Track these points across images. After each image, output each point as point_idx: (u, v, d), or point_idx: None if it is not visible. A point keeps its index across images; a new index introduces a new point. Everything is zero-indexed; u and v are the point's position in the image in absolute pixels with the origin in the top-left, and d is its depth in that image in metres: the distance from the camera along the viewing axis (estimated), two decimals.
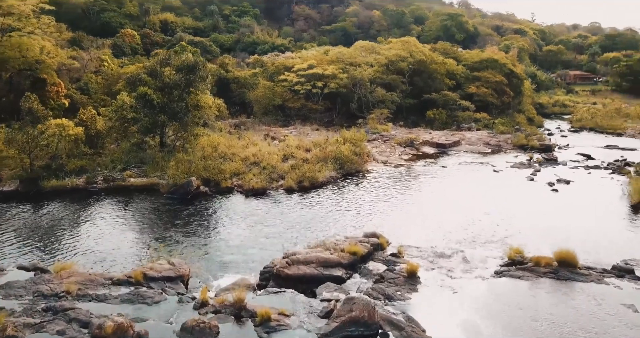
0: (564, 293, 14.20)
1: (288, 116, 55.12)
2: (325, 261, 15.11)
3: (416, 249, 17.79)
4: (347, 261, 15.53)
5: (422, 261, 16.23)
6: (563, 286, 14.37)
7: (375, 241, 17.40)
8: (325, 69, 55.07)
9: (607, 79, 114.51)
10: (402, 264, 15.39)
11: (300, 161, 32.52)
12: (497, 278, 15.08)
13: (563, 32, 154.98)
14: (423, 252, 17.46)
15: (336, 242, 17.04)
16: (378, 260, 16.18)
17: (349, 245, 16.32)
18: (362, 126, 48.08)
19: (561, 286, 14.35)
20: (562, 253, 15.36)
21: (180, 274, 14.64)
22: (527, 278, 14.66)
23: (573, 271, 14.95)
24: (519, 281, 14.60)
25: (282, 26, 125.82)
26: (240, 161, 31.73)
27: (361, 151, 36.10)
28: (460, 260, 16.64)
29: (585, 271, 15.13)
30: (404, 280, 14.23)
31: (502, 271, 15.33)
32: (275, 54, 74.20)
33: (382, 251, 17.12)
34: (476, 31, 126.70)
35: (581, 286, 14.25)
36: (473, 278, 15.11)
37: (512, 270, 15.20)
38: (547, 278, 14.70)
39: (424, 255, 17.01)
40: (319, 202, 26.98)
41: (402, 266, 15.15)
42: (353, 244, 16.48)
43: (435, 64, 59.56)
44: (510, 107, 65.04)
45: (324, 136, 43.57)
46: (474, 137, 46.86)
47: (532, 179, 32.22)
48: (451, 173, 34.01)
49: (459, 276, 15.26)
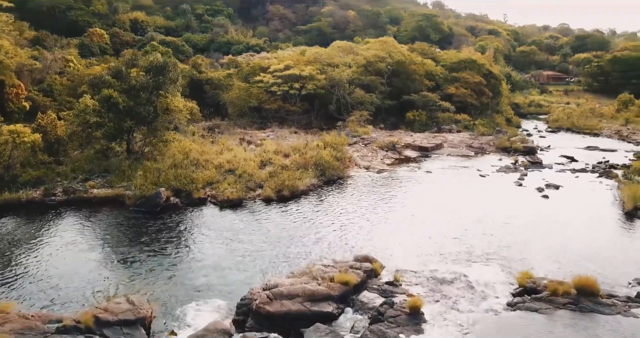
0: (588, 328, 12.35)
1: (264, 118, 52.76)
2: (313, 295, 13.01)
3: (413, 274, 15.87)
4: (338, 293, 13.44)
5: (422, 290, 14.32)
6: (586, 320, 12.57)
7: (368, 267, 15.37)
8: (303, 69, 52.92)
9: (579, 79, 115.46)
10: (401, 294, 13.44)
11: (279, 168, 30.34)
12: (510, 311, 13.23)
13: (535, 33, 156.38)
14: (421, 277, 15.54)
15: (324, 269, 14.92)
16: (373, 289, 14.18)
17: (339, 273, 14.27)
18: (342, 129, 46.12)
19: (584, 321, 12.54)
20: (581, 280, 13.62)
21: (140, 316, 12.33)
22: (544, 311, 12.84)
23: (595, 301, 13.23)
24: (536, 315, 12.78)
25: (257, 26, 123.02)
26: (214, 169, 29.35)
27: (343, 156, 34.12)
28: (464, 286, 14.78)
29: (608, 300, 13.44)
30: (407, 318, 12.22)
31: (515, 302, 13.50)
32: (250, 54, 71.73)
33: (376, 278, 15.11)
34: (451, 32, 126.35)
35: (607, 321, 12.51)
36: (483, 312, 13.25)
37: (526, 302, 13.38)
38: (566, 310, 12.92)
39: (424, 282, 15.09)
40: (300, 213, 24.85)
41: (402, 299, 13.16)
42: (343, 271, 14.43)
43: (414, 65, 58.04)
44: (489, 108, 64.08)
45: (303, 139, 41.43)
46: (456, 139, 45.40)
47: (520, 184, 30.77)
48: (436, 179, 32.31)
49: (467, 309, 13.38)
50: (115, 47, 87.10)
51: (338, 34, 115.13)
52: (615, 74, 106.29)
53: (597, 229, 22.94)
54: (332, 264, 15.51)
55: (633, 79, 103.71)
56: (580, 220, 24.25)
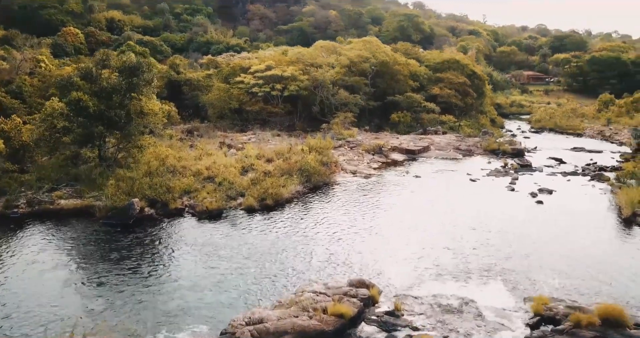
0: None
1: (246, 120, 50.85)
2: (304, 331, 11.34)
3: (415, 300, 14.32)
4: (333, 327, 11.79)
5: (427, 321, 12.78)
6: None
7: (364, 294, 13.73)
8: (285, 70, 51.12)
9: (558, 80, 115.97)
10: (404, 327, 11.86)
11: (262, 174, 28.54)
12: None
13: (514, 33, 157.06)
14: (424, 304, 14.00)
15: (315, 297, 13.22)
16: (371, 321, 12.57)
17: (333, 302, 12.61)
18: (327, 132, 44.46)
19: None
20: (607, 310, 12.20)
21: None
22: None
23: (624, 334, 11.83)
24: None
25: (237, 25, 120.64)
26: (192, 176, 27.40)
27: (329, 161, 32.50)
28: (473, 316, 13.27)
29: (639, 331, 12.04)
30: None
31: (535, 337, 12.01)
32: (230, 54, 69.63)
33: (374, 307, 13.52)
34: (432, 32, 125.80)
35: None
36: None
37: (547, 336, 11.90)
38: None
39: (427, 310, 13.53)
40: (285, 225, 23.12)
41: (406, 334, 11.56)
42: (337, 300, 12.78)
43: (398, 65, 56.70)
44: (473, 108, 63.17)
45: (287, 143, 39.66)
46: (442, 141, 44.16)
47: (512, 189, 29.54)
48: (426, 184, 30.89)
49: None
50: (91, 46, 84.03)
51: (320, 34, 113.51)
52: (593, 74, 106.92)
53: (599, 238, 21.76)
54: (324, 290, 13.81)
55: (611, 79, 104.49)
56: (579, 227, 23.05)
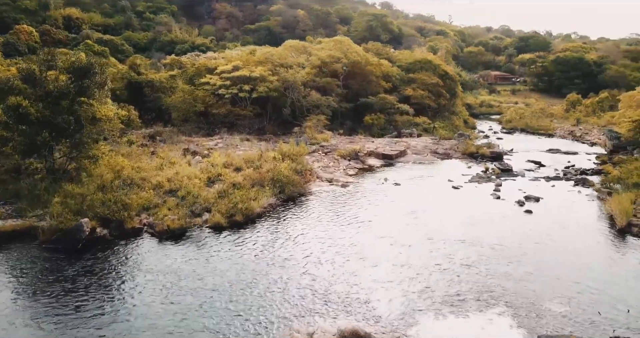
0: None
1: (212, 124, 47.78)
2: None
3: None
4: None
5: None
6: None
7: None
8: (253, 70, 48.32)
9: (524, 79, 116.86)
10: None
11: (230, 186, 25.80)
12: None
13: (480, 33, 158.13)
14: None
15: None
16: None
17: None
18: (299, 136, 41.98)
19: None
20: None
21: None
22: None
23: None
24: None
25: (203, 24, 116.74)
26: (152, 190, 24.42)
27: (303, 169, 30.02)
28: None
29: None
30: None
31: None
32: (195, 54, 66.22)
33: None
34: (400, 32, 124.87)
35: None
36: None
37: None
38: None
39: None
40: (257, 245, 20.51)
41: None
42: None
43: (371, 65, 54.70)
44: (446, 109, 61.86)
45: (257, 148, 36.99)
46: (419, 145, 42.31)
47: (498, 197, 27.75)
48: (407, 192, 28.78)
49: None
50: (47, 45, 78.34)
51: (288, 33, 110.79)
52: (558, 74, 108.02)
53: (599, 253, 20.07)
54: None
55: (575, 79, 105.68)
56: (574, 241, 21.33)
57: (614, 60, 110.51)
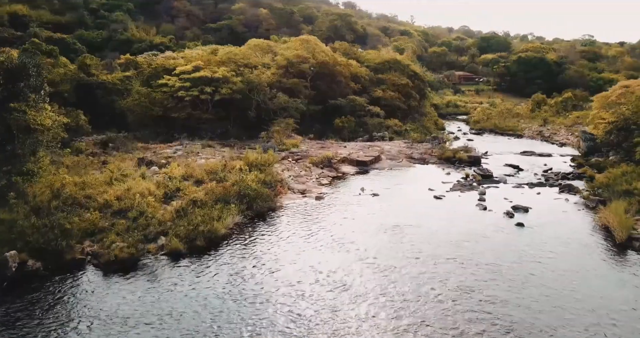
0: None
1: (171, 128, 44.08)
2: None
3: None
4: None
5: None
6: None
7: None
8: (215, 71, 44.84)
9: (488, 79, 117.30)
10: None
11: (190, 203, 22.53)
12: None
13: (443, 34, 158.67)
14: None
15: None
16: None
17: None
18: (266, 141, 38.87)
19: None
20: None
21: None
22: None
23: None
24: None
25: (161, 23, 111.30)
26: (98, 211, 20.88)
27: (273, 180, 27.00)
28: None
29: None
30: None
31: None
32: (152, 54, 61.94)
33: None
34: (365, 32, 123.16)
35: None
36: None
37: None
38: None
39: None
40: (222, 277, 17.39)
41: None
42: None
43: (339, 66, 52.14)
44: (416, 111, 60.05)
45: (220, 156, 33.74)
46: (393, 149, 39.94)
47: (484, 208, 25.53)
48: (387, 204, 26.20)
49: None
50: None
51: (251, 33, 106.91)
52: (520, 74, 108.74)
53: (605, 274, 17.97)
54: None
55: (537, 79, 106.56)
56: (575, 260, 19.21)
57: (572, 60, 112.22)
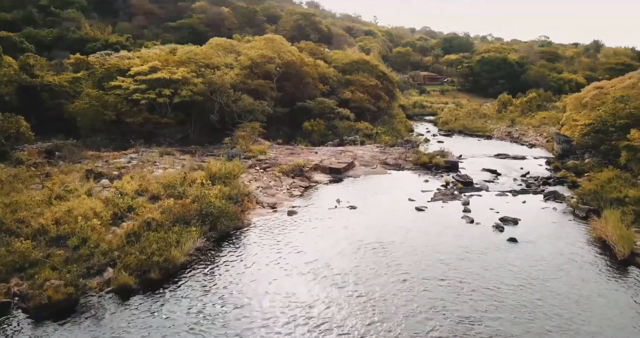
0: None
1: (126, 134, 40.30)
2: None
3: None
4: None
5: None
6: None
7: None
8: (174, 72, 41.35)
9: (452, 80, 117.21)
10: None
11: (144, 225, 19.35)
12: None
13: (406, 34, 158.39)
14: None
15: None
16: None
17: None
18: (231, 147, 35.73)
19: None
20: None
21: None
22: None
23: None
24: None
25: (118, 21, 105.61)
26: (31, 239, 17.43)
27: (239, 193, 24.03)
28: None
29: None
30: None
31: None
32: (106, 53, 57.44)
33: None
34: (330, 32, 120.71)
35: None
36: None
37: None
38: None
39: None
40: (180, 318, 14.37)
41: None
42: None
43: (307, 66, 49.43)
44: (385, 113, 58.06)
45: (180, 165, 30.47)
46: (366, 154, 37.58)
47: (471, 220, 23.38)
48: (365, 218, 23.69)
49: None
50: None
51: (213, 32, 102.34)
52: (484, 74, 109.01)
53: (616, 300, 15.96)
54: None
55: (500, 79, 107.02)
56: (581, 282, 17.18)
57: (533, 61, 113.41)
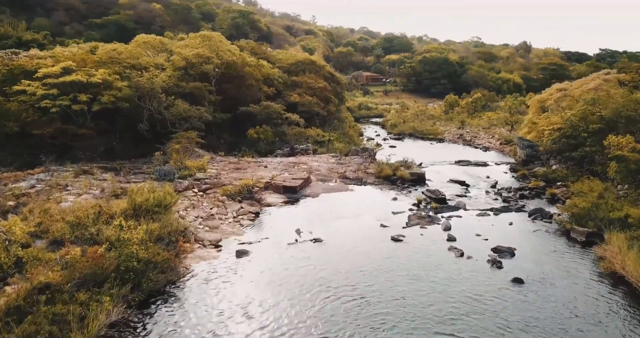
0: None
1: (35, 149, 33.11)
2: None
3: None
4: None
5: None
6: None
7: None
8: (92, 74, 34.63)
9: (394, 80, 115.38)
10: None
11: (35, 291, 13.49)
12: None
13: (346, 34, 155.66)
14: None
15: None
16: None
17: None
18: (162, 163, 29.77)
19: None
20: None
21: None
22: None
23: None
24: None
25: (35, 17, 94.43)
26: None
27: (172, 230, 18.49)
28: None
29: None
30: None
31: None
32: (12, 51, 48.92)
33: None
34: (269, 31, 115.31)
35: None
36: None
37: None
38: None
39: None
40: None
41: None
42: None
43: (249, 67, 44.03)
44: (335, 117, 53.77)
45: (99, 189, 24.32)
46: (322, 166, 32.90)
47: (460, 253, 19.21)
48: (335, 257, 18.89)
49: None
50: None
51: (143, 30, 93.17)
52: (426, 74, 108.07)
53: None
54: None
55: (442, 79, 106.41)
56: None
57: (472, 61, 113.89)
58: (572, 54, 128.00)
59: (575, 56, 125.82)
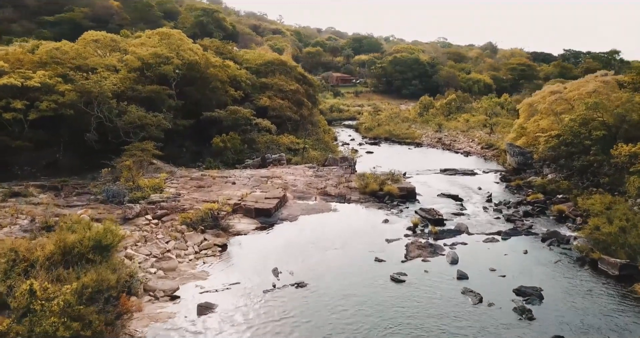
0: None
1: None
2: None
3: None
4: None
5: None
6: None
7: None
8: (29, 76, 29.36)
9: (365, 81, 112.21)
10: None
11: None
12: None
13: (314, 34, 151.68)
14: None
15: None
16: None
17: None
18: (112, 182, 24.94)
19: None
20: None
21: None
22: None
23: None
24: None
25: None
26: None
27: (111, 285, 13.95)
28: None
29: None
30: None
31: None
32: None
33: None
34: (235, 30, 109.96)
35: None
36: None
37: None
38: None
39: None
40: None
41: None
42: None
43: (214, 68, 39.38)
44: (308, 121, 49.68)
45: (29, 218, 19.43)
46: (298, 180, 28.74)
47: (479, 298, 15.36)
48: (323, 309, 14.85)
49: None
50: None
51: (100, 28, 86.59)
52: (396, 75, 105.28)
53: None
54: None
55: (413, 80, 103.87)
56: None
57: (442, 61, 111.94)
58: (538, 54, 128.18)
59: (541, 56, 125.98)
